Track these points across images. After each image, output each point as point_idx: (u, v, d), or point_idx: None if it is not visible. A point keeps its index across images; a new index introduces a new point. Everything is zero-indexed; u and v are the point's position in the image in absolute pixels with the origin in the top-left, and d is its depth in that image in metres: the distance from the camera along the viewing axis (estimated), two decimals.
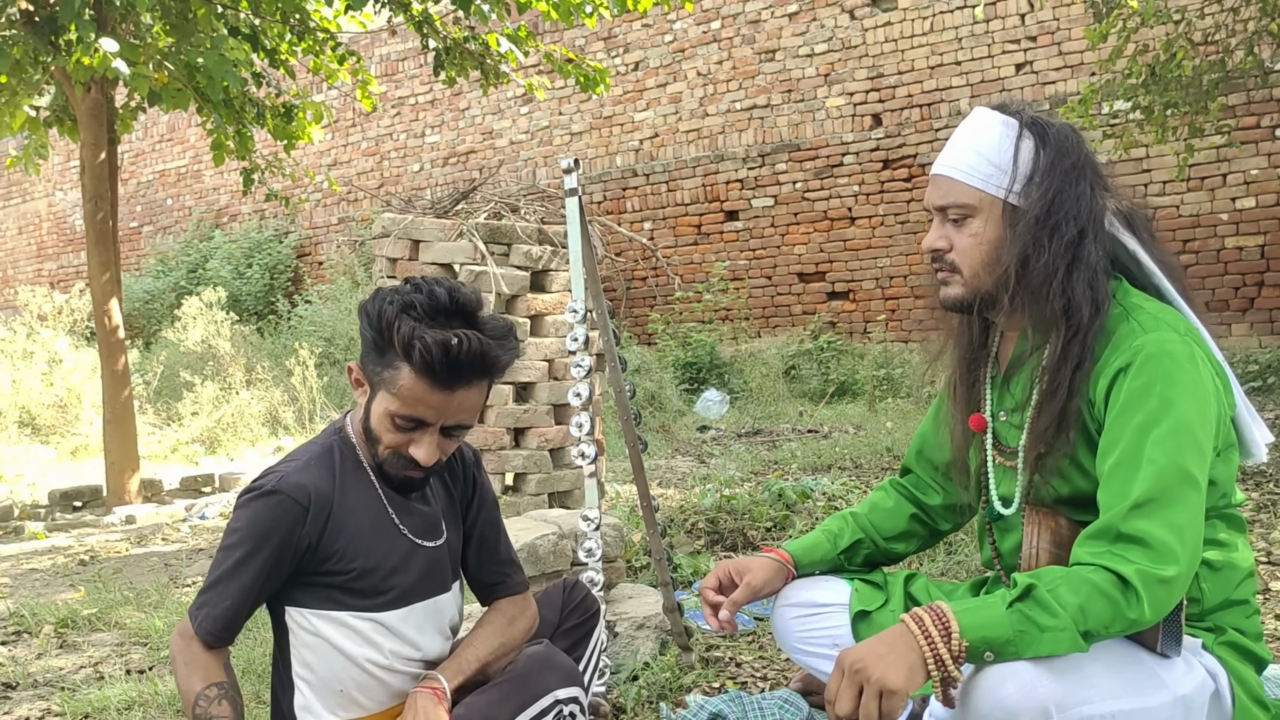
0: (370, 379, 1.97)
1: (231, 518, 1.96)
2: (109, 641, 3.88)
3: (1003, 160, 1.99)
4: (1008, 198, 1.98)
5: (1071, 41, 10.21)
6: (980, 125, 2.04)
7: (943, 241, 2.05)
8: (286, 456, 2.04)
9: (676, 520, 4.42)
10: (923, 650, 1.72)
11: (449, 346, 1.86)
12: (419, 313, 1.91)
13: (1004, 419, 2.13)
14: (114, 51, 6.24)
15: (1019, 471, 2.08)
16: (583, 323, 2.62)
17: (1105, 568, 1.75)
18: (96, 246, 7.60)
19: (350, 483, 2.02)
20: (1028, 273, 1.96)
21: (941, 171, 2.05)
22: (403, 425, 1.94)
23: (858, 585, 2.35)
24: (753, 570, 2.30)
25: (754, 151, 12.16)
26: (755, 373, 11.21)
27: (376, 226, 5.91)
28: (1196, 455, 1.81)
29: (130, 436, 7.67)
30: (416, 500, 2.11)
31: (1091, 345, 1.93)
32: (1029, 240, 1.95)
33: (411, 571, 2.05)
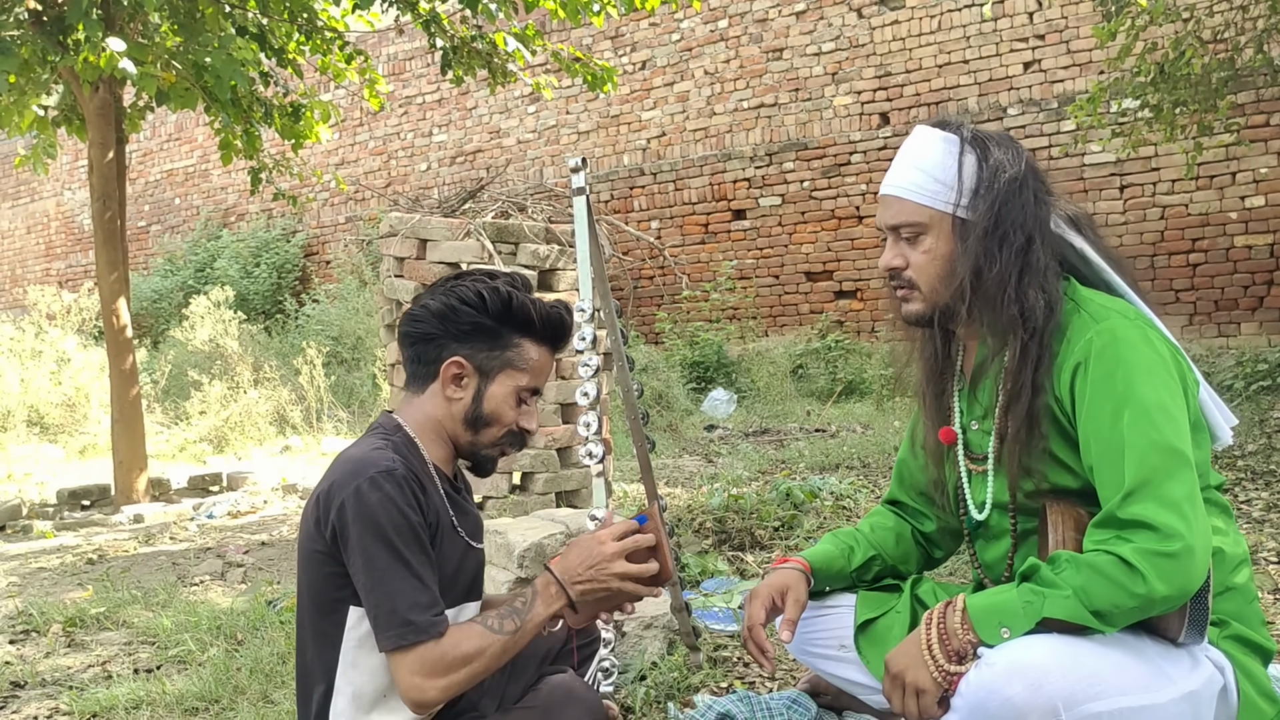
0: (483, 367, 2.01)
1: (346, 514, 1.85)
2: (117, 640, 3.88)
3: (948, 176, 2.05)
4: (956, 212, 2.04)
5: (1080, 40, 10.18)
6: (923, 144, 2.10)
7: (899, 260, 2.10)
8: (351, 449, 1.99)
9: (684, 520, 4.42)
10: (924, 654, 1.84)
11: (562, 314, 2.06)
12: (525, 291, 2.03)
13: (975, 427, 2.17)
14: (121, 51, 6.24)
15: (989, 476, 2.13)
16: (590, 321, 2.62)
17: (1107, 551, 1.79)
18: (104, 246, 7.61)
19: (424, 476, 2.00)
20: (982, 283, 2.01)
21: (890, 192, 2.11)
22: (524, 397, 2.04)
23: (863, 593, 2.36)
24: (791, 585, 2.29)
25: (761, 150, 12.15)
26: (763, 372, 11.20)
27: (384, 225, 5.91)
28: (1173, 428, 1.85)
29: (138, 435, 7.68)
30: (466, 499, 2.13)
31: (1049, 344, 1.99)
32: (980, 251, 2.01)
33: (466, 573, 2.07)
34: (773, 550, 4.25)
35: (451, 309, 1.99)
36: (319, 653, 1.97)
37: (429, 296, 2.05)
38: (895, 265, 2.10)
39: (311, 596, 1.97)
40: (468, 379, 2.02)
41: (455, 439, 2.06)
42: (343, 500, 1.87)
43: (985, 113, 10.66)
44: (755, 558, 4.15)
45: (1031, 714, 1.72)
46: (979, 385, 2.15)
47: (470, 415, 2.03)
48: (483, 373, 2.02)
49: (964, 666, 1.81)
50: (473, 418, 2.03)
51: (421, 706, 1.83)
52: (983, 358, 2.12)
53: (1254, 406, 7.81)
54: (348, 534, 1.86)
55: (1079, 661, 1.76)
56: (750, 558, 4.14)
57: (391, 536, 1.84)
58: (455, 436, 2.06)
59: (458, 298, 2.00)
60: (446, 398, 2.03)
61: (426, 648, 1.81)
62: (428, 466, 2.02)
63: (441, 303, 2.01)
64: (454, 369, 2.01)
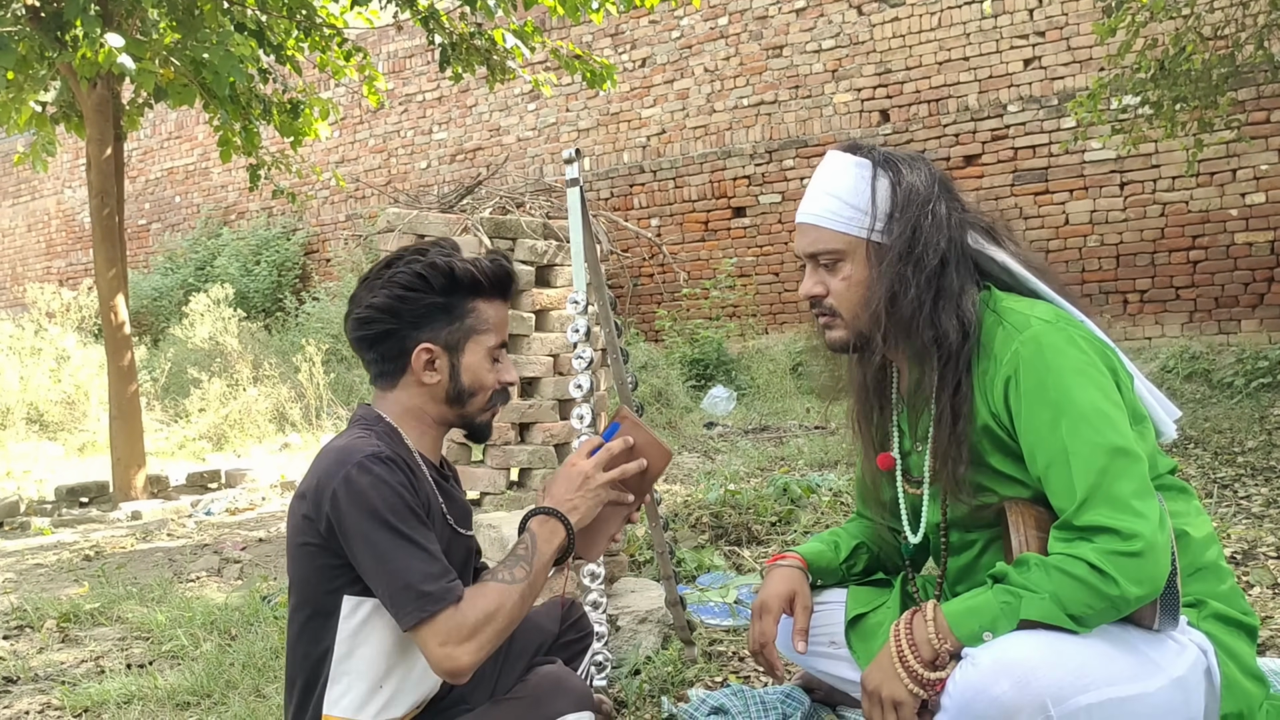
0: (450, 343, 2.00)
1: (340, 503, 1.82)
2: (111, 636, 3.87)
3: (861, 201, 2.04)
4: (871, 237, 2.03)
5: (1080, 36, 10.16)
6: (835, 170, 2.09)
7: (819, 287, 2.09)
8: (335, 440, 1.97)
9: (681, 515, 4.40)
10: (895, 667, 1.84)
11: (502, 263, 2.04)
12: (458, 254, 2.01)
13: (919, 449, 2.16)
14: (119, 47, 6.23)
15: (925, 498, 2.13)
16: (583, 314, 2.60)
17: (1073, 555, 1.79)
18: (103, 243, 7.60)
19: (411, 463, 1.97)
20: (897, 308, 2.00)
21: (805, 220, 2.10)
22: (496, 355, 2.04)
23: (854, 588, 2.35)
24: (800, 591, 2.28)
25: (761, 148, 12.13)
26: (762, 369, 11.18)
27: (381, 221, 5.90)
28: (1112, 426, 1.85)
29: (136, 432, 7.67)
30: (454, 487, 2.11)
31: (966, 366, 1.98)
32: (894, 276, 2.00)
33: (455, 561, 2.03)
34: (769, 545, 4.23)
35: (400, 299, 1.97)
36: (309, 647, 1.94)
37: (369, 294, 2.00)
38: (816, 293, 2.09)
39: (303, 591, 1.95)
40: (439, 360, 2.00)
41: (442, 419, 2.05)
42: (333, 490, 1.84)
43: (986, 109, 10.65)
44: (751, 552, 4.14)
45: (1020, 711, 1.71)
46: (915, 408, 2.14)
47: (452, 392, 2.02)
48: (451, 348, 2.00)
49: (944, 672, 1.80)
50: (455, 394, 2.02)
51: (456, 675, 1.80)
52: (915, 381, 2.10)
53: (1254, 404, 7.79)
54: (344, 522, 1.83)
55: (1065, 655, 1.76)
56: (747, 553, 4.12)
57: (388, 517, 1.81)
58: (441, 417, 2.04)
59: (401, 286, 1.97)
60: (423, 384, 2.01)
61: (447, 615, 1.78)
62: (413, 455, 1.99)
63: (386, 297, 1.97)
64: (425, 355, 1.99)
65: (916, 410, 2.13)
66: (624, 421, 2.08)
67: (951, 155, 10.87)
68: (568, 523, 1.96)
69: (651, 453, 2.06)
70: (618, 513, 2.06)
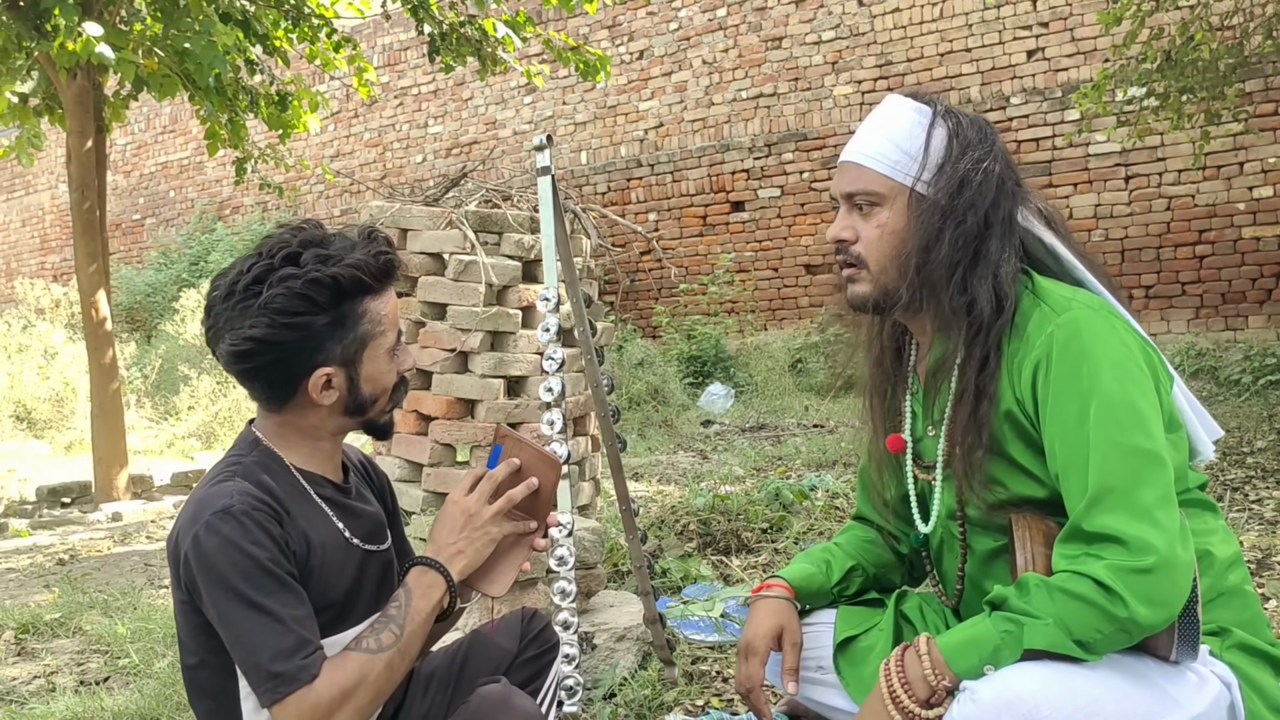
0: (345, 358, 1.77)
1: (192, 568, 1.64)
2: (69, 649, 3.69)
3: (913, 147, 1.89)
4: (915, 186, 1.88)
5: (1084, 27, 9.97)
6: (892, 112, 1.94)
7: (848, 232, 1.93)
8: (204, 481, 1.77)
9: (668, 521, 4.22)
10: (887, 709, 1.68)
11: (383, 251, 1.79)
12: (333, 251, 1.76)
13: (931, 433, 1.99)
14: (98, 36, 6.06)
15: (938, 484, 1.96)
16: (554, 312, 2.43)
17: (1078, 572, 1.61)
18: (83, 236, 7.43)
19: (291, 493, 1.77)
20: (928, 265, 1.85)
21: (850, 158, 1.94)
22: (394, 349, 1.83)
23: (844, 609, 2.16)
24: (787, 627, 2.09)
25: (760, 141, 11.94)
26: (761, 366, 11.01)
27: (364, 215, 5.73)
28: (1143, 427, 1.68)
29: (118, 431, 7.50)
30: (357, 500, 1.90)
31: (996, 342, 1.82)
32: (931, 229, 1.85)
33: (368, 582, 1.84)
34: (759, 554, 4.04)
35: (285, 328, 1.71)
36: (212, 704, 1.75)
37: (243, 320, 1.72)
38: (844, 238, 1.92)
39: (193, 649, 1.75)
40: (336, 378, 1.78)
41: (340, 430, 1.85)
42: (185, 553, 1.66)
43: (988, 102, 10.46)
44: (741, 561, 3.95)
45: None
46: (935, 386, 1.96)
47: (352, 405, 1.81)
48: (348, 363, 1.78)
49: (940, 709, 1.63)
50: (355, 405, 1.81)
51: None
52: (938, 357, 1.93)
53: (1262, 401, 7.61)
54: (197, 588, 1.65)
55: (1074, 690, 1.58)
56: (736, 561, 3.94)
57: (237, 584, 1.61)
58: (340, 428, 1.85)
59: (282, 313, 1.71)
60: (316, 404, 1.79)
61: (298, 696, 1.59)
62: (294, 478, 1.80)
63: (266, 328, 1.71)
64: (320, 380, 1.77)
65: (934, 390, 1.95)
66: (505, 441, 1.88)
67: None
68: (447, 574, 1.76)
69: (540, 468, 1.86)
70: (518, 541, 1.87)
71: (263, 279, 1.72)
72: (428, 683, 2.02)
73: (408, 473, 5.42)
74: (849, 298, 1.95)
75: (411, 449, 5.39)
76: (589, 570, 2.99)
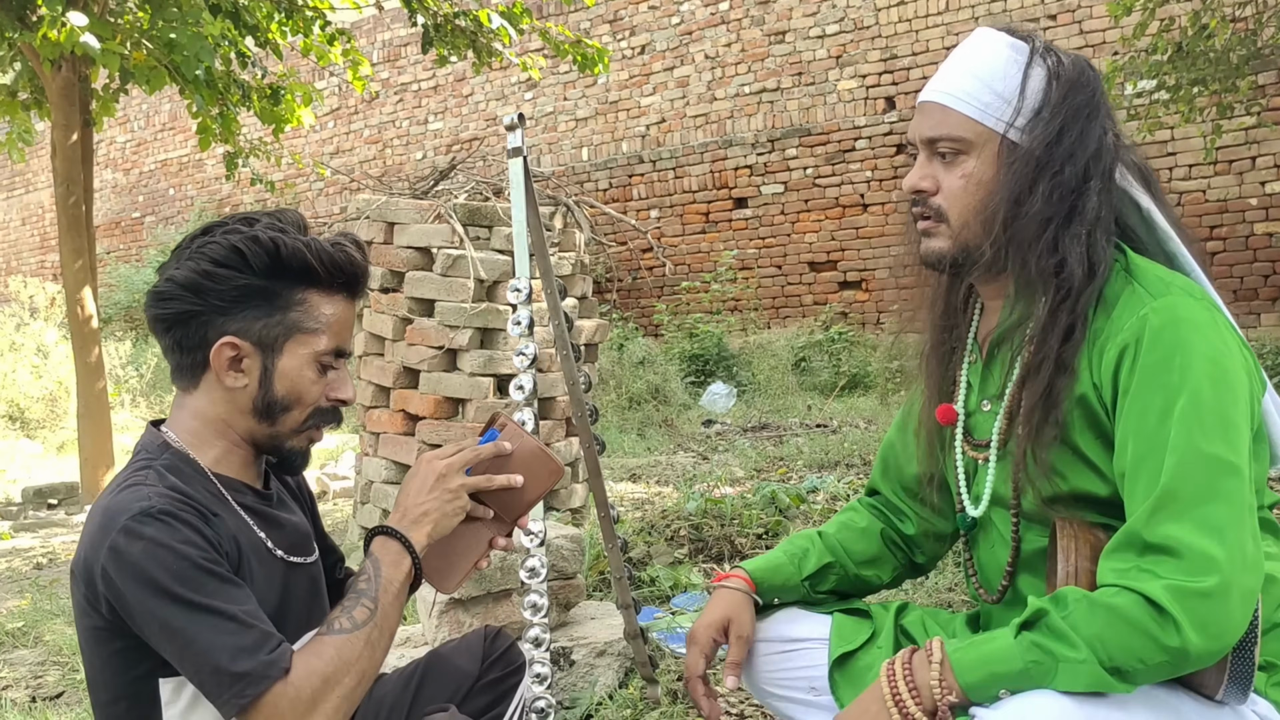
0: (264, 339, 1.58)
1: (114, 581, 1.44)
2: (29, 660, 3.53)
3: (1007, 89, 1.65)
4: (1008, 133, 1.64)
5: (1093, 19, 9.78)
6: (983, 48, 1.69)
7: (928, 181, 1.70)
8: (106, 491, 1.58)
9: (657, 526, 4.04)
10: (890, 712, 1.47)
11: (348, 249, 1.61)
12: (294, 230, 1.60)
13: (986, 408, 1.77)
14: (83, 26, 5.90)
15: (991, 465, 1.74)
16: (526, 304, 2.25)
17: (1129, 588, 1.40)
18: (68, 233, 7.28)
19: (208, 499, 1.58)
20: (1018, 220, 1.62)
21: (933, 98, 1.70)
22: (328, 363, 1.62)
23: (839, 619, 1.96)
24: (735, 620, 1.90)
25: (763, 137, 11.77)
26: (764, 365, 10.83)
27: (351, 208, 5.58)
28: (1229, 436, 1.46)
29: (104, 431, 7.35)
30: (280, 509, 1.71)
31: (1083, 312, 1.59)
32: (1024, 181, 1.62)
33: (297, 599, 1.65)
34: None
35: (206, 275, 1.55)
36: None
37: (174, 264, 1.59)
38: (922, 188, 1.70)
39: (108, 682, 1.55)
40: (248, 359, 1.59)
41: (249, 435, 1.65)
42: (102, 566, 1.46)
43: None
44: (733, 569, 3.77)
45: None
46: (996, 357, 1.75)
47: (260, 403, 1.61)
48: (265, 347, 1.59)
49: None
50: (264, 405, 1.61)
51: None
52: (1005, 324, 1.71)
53: None
54: (126, 602, 1.45)
55: None
56: (729, 568, 3.76)
57: (174, 587, 1.43)
58: (249, 433, 1.64)
59: (209, 259, 1.55)
60: (226, 388, 1.60)
61: (275, 694, 1.41)
62: (211, 483, 1.60)
63: (191, 270, 1.55)
64: (228, 351, 1.58)
65: (998, 360, 1.75)
66: (503, 429, 1.70)
67: None
68: (407, 543, 1.58)
69: (534, 467, 1.68)
70: (478, 535, 1.68)
71: (209, 230, 1.60)
72: (378, 708, 1.84)
73: (394, 474, 5.26)
74: (924, 254, 1.74)
75: (398, 450, 5.23)
76: (568, 581, 2.81)
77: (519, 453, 1.67)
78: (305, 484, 1.88)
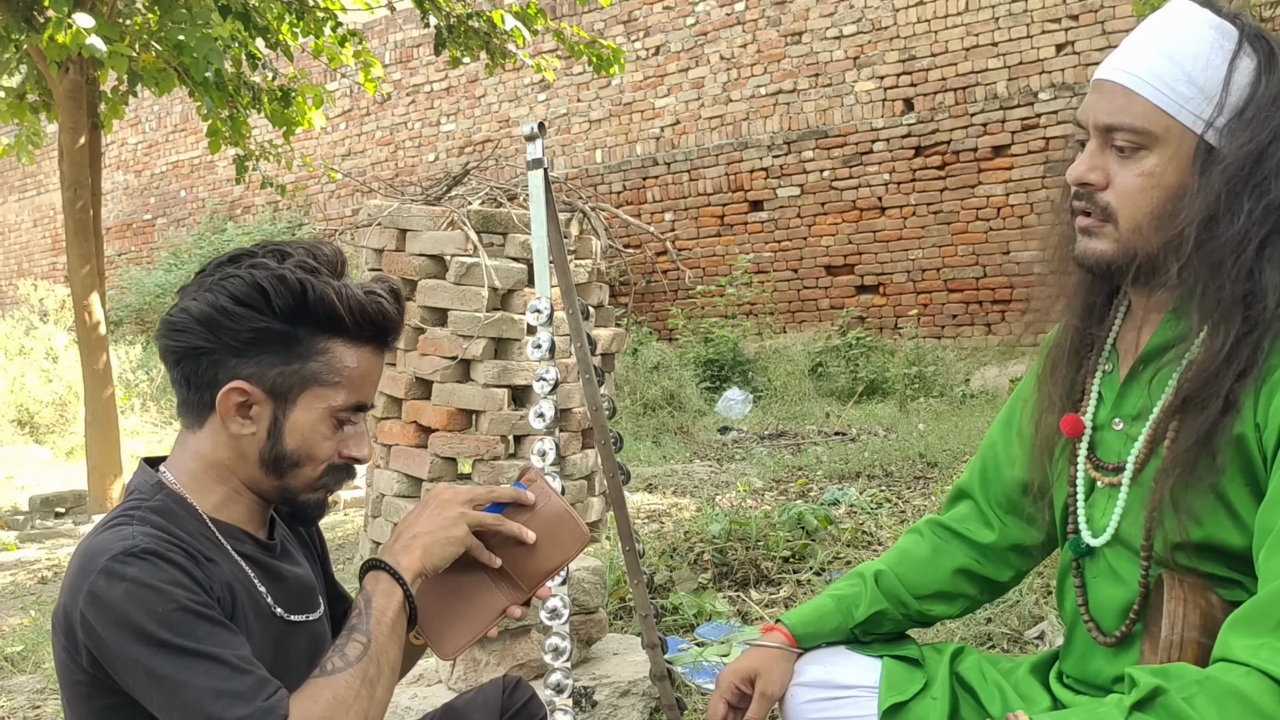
0: (277, 388, 1.44)
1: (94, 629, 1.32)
2: (28, 688, 3.40)
3: (1209, 80, 1.42)
4: (1205, 133, 1.42)
5: (1116, 20, 9.61)
6: (1183, 25, 1.45)
7: (1097, 174, 1.48)
8: (92, 531, 1.44)
9: (680, 550, 3.89)
10: None
11: (381, 300, 1.46)
12: (327, 271, 1.46)
13: (1118, 427, 1.57)
14: (89, 28, 5.80)
15: (1122, 494, 1.53)
16: (547, 326, 2.12)
17: (1260, 669, 1.22)
18: (76, 238, 7.17)
19: (204, 545, 1.44)
20: (1212, 238, 1.39)
21: (1115, 78, 1.47)
22: (345, 419, 1.48)
23: (889, 665, 1.81)
24: (763, 674, 1.76)
25: (779, 139, 11.62)
26: (780, 370, 10.69)
27: (362, 214, 5.45)
28: None
29: (112, 439, 7.24)
30: (284, 560, 1.57)
31: (1265, 348, 1.39)
32: (1223, 195, 1.38)
33: (294, 660, 1.50)
34: (780, 587, 3.71)
35: (223, 311, 1.41)
36: None
37: (193, 293, 1.46)
38: (1091, 180, 1.48)
39: None
40: (257, 406, 1.45)
41: (255, 485, 1.50)
42: (81, 613, 1.33)
43: (1015, 98, 10.11)
44: (760, 594, 3.63)
45: None
46: (1141, 374, 1.55)
47: (268, 455, 1.47)
48: (277, 396, 1.45)
49: None
50: (272, 458, 1.47)
51: None
52: (1165, 340, 1.50)
53: None
54: (106, 651, 1.32)
55: None
56: (755, 594, 3.61)
57: (159, 632, 1.30)
58: (254, 482, 1.50)
59: (229, 294, 1.41)
60: (232, 434, 1.46)
61: None
62: (208, 529, 1.47)
63: (208, 304, 1.42)
64: (235, 396, 1.44)
65: (1143, 377, 1.54)
66: (531, 484, 1.54)
67: (979, 146, 10.34)
68: (394, 573, 1.44)
69: (558, 531, 1.51)
70: (490, 597, 1.51)
71: (237, 260, 1.46)
72: None
73: (406, 487, 5.12)
74: (1080, 254, 1.53)
75: (410, 462, 5.10)
76: (589, 615, 2.67)
77: (542, 512, 1.51)
78: (316, 529, 1.74)
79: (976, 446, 6.44)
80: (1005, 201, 10.28)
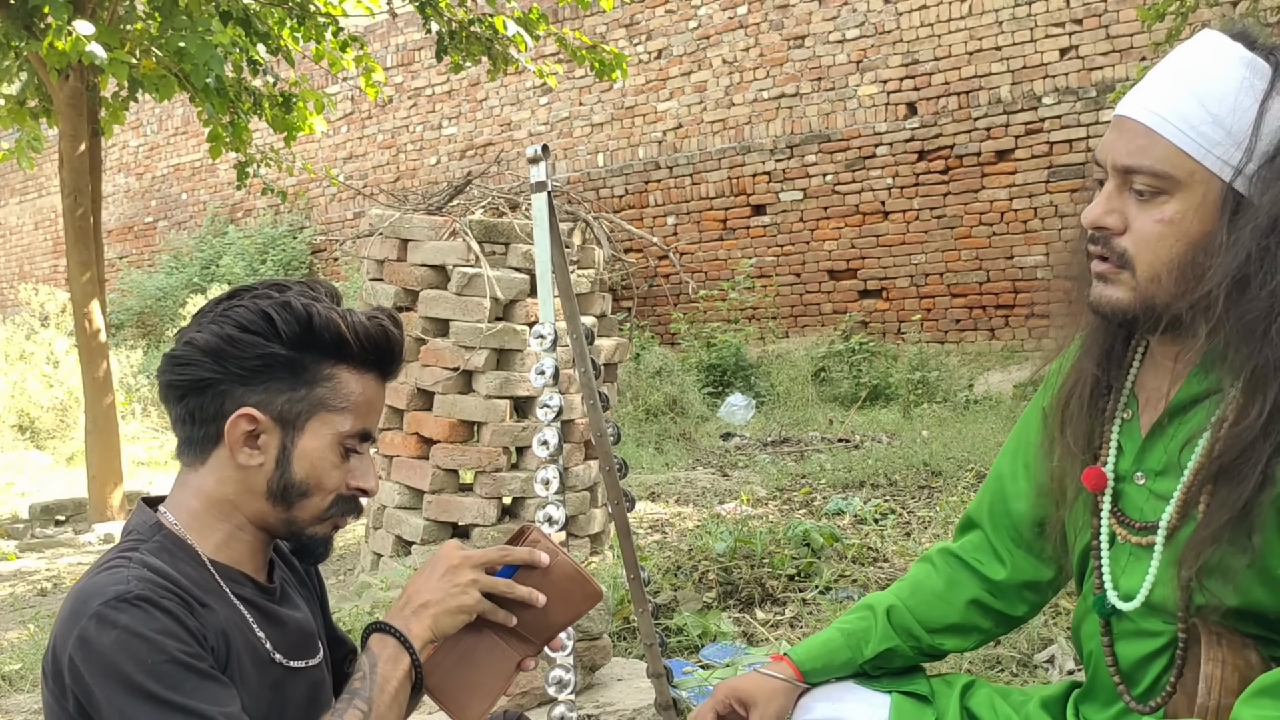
0: (285, 415, 1.42)
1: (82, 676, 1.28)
2: (26, 707, 3.36)
3: (1239, 123, 1.33)
4: (1234, 180, 1.32)
5: (1121, 24, 9.57)
6: (1212, 62, 1.36)
7: (1114, 219, 1.39)
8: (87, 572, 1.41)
9: (684, 568, 3.85)
10: None
11: (385, 326, 1.47)
12: (327, 300, 1.46)
13: (1141, 482, 1.49)
14: (89, 35, 5.78)
15: (1154, 558, 1.44)
16: (550, 352, 2.08)
17: None
18: (76, 245, 7.15)
19: (203, 587, 1.41)
20: (1245, 298, 1.30)
21: (1137, 116, 1.38)
22: (352, 447, 1.47)
23: (898, 701, 1.77)
24: (760, 705, 1.71)
25: (782, 143, 11.58)
26: (783, 375, 10.66)
27: (364, 224, 5.42)
28: None
29: (113, 447, 7.22)
30: (284, 605, 1.53)
31: None
32: (1256, 253, 1.29)
33: (291, 707, 1.47)
34: (786, 606, 3.67)
35: (229, 340, 1.40)
36: None
37: (195, 328, 1.44)
38: (1107, 225, 1.39)
39: None
40: (265, 435, 1.43)
41: (260, 520, 1.48)
42: (70, 657, 1.30)
43: (1019, 102, 10.07)
44: (765, 614, 3.59)
45: None
46: (1166, 429, 1.46)
47: (276, 485, 1.44)
48: (286, 423, 1.43)
49: None
50: (281, 488, 1.44)
51: None
52: (1194, 394, 1.42)
53: None
54: (94, 700, 1.29)
55: None
56: (760, 614, 3.58)
57: (148, 685, 1.27)
58: (260, 517, 1.47)
59: (235, 324, 1.40)
60: (239, 465, 1.44)
61: None
62: (207, 571, 1.43)
63: (214, 334, 1.40)
64: (244, 424, 1.41)
65: (1167, 432, 1.46)
66: (534, 544, 1.49)
67: (983, 150, 10.30)
68: (404, 640, 1.41)
69: (569, 590, 1.48)
70: (505, 656, 1.47)
71: (237, 294, 1.46)
72: None
73: (408, 499, 5.10)
74: (1095, 300, 1.44)
75: (412, 474, 5.08)
76: (594, 641, 2.64)
77: (552, 572, 1.47)
78: (316, 570, 1.71)
79: (980, 455, 6.38)
80: (1009, 206, 10.24)
